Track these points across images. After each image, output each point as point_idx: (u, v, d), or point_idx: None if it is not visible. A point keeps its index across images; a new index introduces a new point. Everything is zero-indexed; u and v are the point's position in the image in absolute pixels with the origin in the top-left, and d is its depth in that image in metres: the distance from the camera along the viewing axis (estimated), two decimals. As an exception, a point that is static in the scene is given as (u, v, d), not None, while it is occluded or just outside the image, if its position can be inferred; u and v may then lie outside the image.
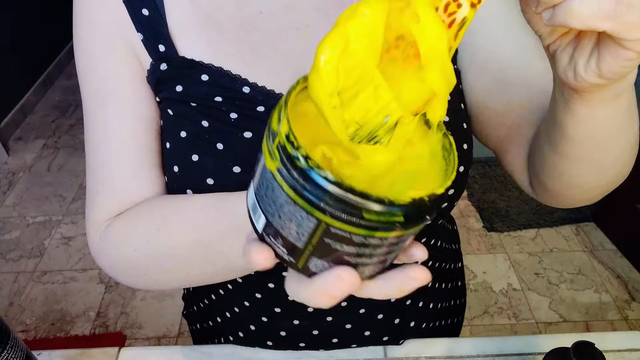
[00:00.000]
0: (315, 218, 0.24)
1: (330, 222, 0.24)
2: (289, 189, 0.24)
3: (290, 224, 0.25)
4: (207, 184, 0.47)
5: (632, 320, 1.64)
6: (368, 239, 0.25)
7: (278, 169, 0.24)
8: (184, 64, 0.48)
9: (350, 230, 0.24)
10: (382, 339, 0.62)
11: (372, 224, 0.24)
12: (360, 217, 0.24)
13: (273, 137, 0.25)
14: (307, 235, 0.25)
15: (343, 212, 0.23)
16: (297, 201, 0.24)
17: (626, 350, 0.61)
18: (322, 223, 0.24)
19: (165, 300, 1.73)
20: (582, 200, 0.48)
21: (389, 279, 0.28)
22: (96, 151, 0.50)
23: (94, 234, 0.51)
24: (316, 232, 0.25)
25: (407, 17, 0.24)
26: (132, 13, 0.47)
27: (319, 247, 0.26)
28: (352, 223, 0.24)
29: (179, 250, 0.44)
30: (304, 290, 0.28)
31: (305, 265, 0.27)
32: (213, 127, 0.47)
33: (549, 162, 0.44)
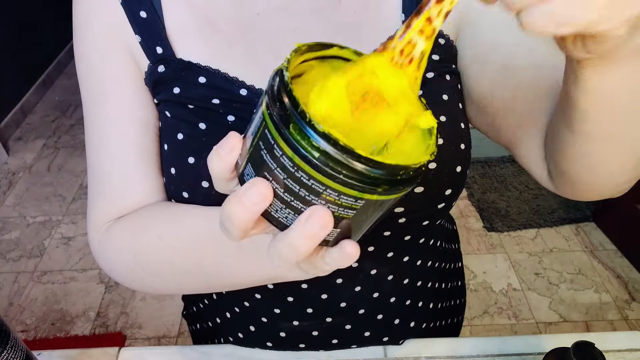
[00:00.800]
0: (262, 117, 0.25)
1: (267, 121, 0.25)
2: (264, 94, 0.26)
3: (251, 125, 0.27)
4: (202, 187, 0.47)
5: (632, 320, 1.64)
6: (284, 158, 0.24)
7: (270, 76, 0.27)
8: (182, 66, 0.48)
9: (274, 135, 0.24)
10: (382, 339, 0.62)
11: (290, 139, 0.24)
12: (286, 125, 0.24)
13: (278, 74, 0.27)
14: (254, 134, 0.26)
15: (277, 114, 0.24)
16: (263, 102, 0.26)
17: (626, 350, 0.61)
18: (264, 122, 0.25)
19: (165, 300, 1.73)
20: (611, 188, 0.43)
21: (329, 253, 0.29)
22: (95, 153, 0.50)
23: (94, 235, 0.51)
24: (258, 132, 0.26)
25: (367, 77, 0.28)
26: (130, 15, 0.47)
27: (256, 152, 0.26)
28: (280, 133, 0.24)
29: (177, 260, 0.44)
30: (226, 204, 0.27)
31: (243, 172, 0.28)
32: (210, 129, 0.47)
33: (569, 145, 0.40)
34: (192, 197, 0.48)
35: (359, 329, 0.60)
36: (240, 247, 0.40)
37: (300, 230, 0.26)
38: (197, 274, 0.45)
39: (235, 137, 0.28)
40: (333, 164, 0.24)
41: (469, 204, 2.07)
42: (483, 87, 0.51)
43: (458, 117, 0.51)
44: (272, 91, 0.25)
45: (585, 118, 0.35)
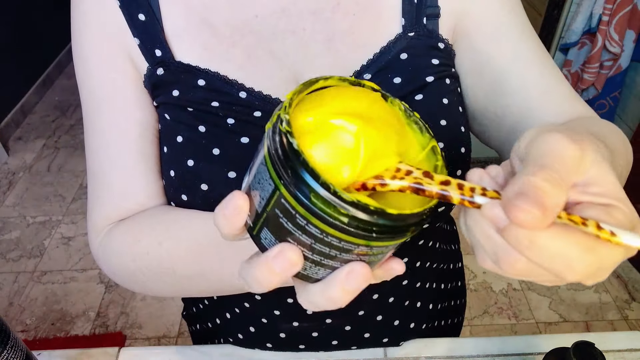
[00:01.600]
0: (274, 183, 0.25)
1: (283, 193, 0.24)
2: (266, 150, 0.25)
3: (258, 187, 0.26)
4: (201, 190, 0.47)
5: (632, 320, 1.64)
6: (310, 227, 0.25)
7: (268, 128, 0.25)
8: (181, 69, 0.48)
9: (296, 208, 0.24)
10: (382, 340, 0.62)
11: (316, 211, 0.24)
12: (307, 197, 0.24)
13: (279, 120, 0.26)
14: (265, 201, 0.26)
15: (293, 186, 0.24)
16: (267, 162, 0.25)
17: (626, 350, 0.61)
18: (277, 191, 0.24)
19: (165, 300, 1.73)
20: None
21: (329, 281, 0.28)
22: (95, 156, 0.50)
23: (95, 238, 0.51)
24: (272, 200, 0.25)
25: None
26: (129, 18, 0.47)
27: (271, 217, 0.26)
28: (299, 201, 0.24)
29: (177, 265, 0.44)
30: (249, 267, 0.27)
31: (259, 235, 0.27)
32: (210, 132, 0.47)
33: None
34: (191, 199, 0.48)
35: (358, 330, 0.60)
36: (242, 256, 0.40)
37: (341, 287, 0.27)
38: (197, 280, 0.45)
39: (239, 198, 0.27)
40: (364, 225, 0.24)
41: (469, 204, 2.07)
42: (478, 99, 0.52)
43: (458, 121, 0.51)
44: (281, 157, 0.24)
45: None
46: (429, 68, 0.49)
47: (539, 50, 0.50)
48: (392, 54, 0.48)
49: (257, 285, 0.27)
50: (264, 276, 0.26)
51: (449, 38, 0.51)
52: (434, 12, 0.49)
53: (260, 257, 0.27)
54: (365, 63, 0.48)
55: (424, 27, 0.49)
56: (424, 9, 0.49)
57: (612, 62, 1.84)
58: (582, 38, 1.85)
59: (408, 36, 0.49)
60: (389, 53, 0.48)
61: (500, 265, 0.24)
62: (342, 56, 0.49)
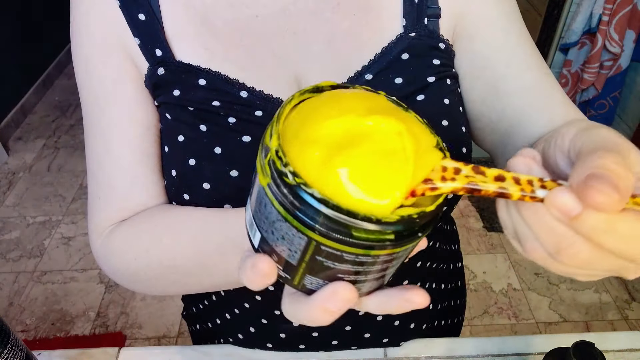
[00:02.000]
0: (306, 236, 0.24)
1: (321, 241, 0.24)
2: (279, 206, 0.24)
3: (283, 241, 0.25)
4: (203, 189, 0.47)
5: (632, 320, 1.64)
6: (360, 257, 0.24)
7: (269, 184, 0.24)
8: (181, 69, 0.48)
9: (341, 248, 0.24)
10: (382, 340, 0.62)
11: (363, 243, 0.23)
12: (349, 235, 0.23)
13: (265, 152, 0.24)
14: (300, 253, 0.25)
15: (332, 231, 0.23)
16: (287, 218, 0.24)
17: (626, 350, 0.61)
18: (313, 241, 0.24)
19: (165, 300, 1.73)
20: None
21: (387, 297, 0.28)
22: (96, 156, 0.50)
23: (95, 239, 0.51)
24: (308, 250, 0.24)
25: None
26: (129, 18, 0.47)
27: (313, 264, 0.25)
28: (342, 241, 0.23)
29: (178, 262, 0.44)
30: (301, 309, 0.28)
31: (301, 282, 0.27)
32: (211, 131, 0.47)
33: None
34: (193, 199, 0.48)
35: (359, 330, 0.60)
36: (239, 244, 0.40)
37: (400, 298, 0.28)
38: (199, 275, 0.45)
39: (265, 262, 0.26)
40: (408, 234, 0.24)
41: (469, 204, 2.07)
42: (474, 102, 0.53)
43: (459, 121, 0.51)
44: (308, 213, 0.23)
45: None
46: (430, 68, 0.49)
47: (535, 55, 0.51)
48: (394, 54, 0.48)
49: (312, 323, 0.28)
50: (321, 316, 0.27)
51: (449, 39, 0.51)
52: (434, 13, 0.50)
53: (314, 301, 0.27)
54: (366, 63, 0.48)
55: (425, 28, 0.49)
56: (425, 9, 0.49)
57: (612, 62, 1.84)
58: (582, 38, 1.85)
59: (409, 36, 0.49)
60: (390, 53, 0.48)
61: (560, 257, 0.24)
62: (342, 56, 0.49)
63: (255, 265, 0.27)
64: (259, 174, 0.25)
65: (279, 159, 0.23)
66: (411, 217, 0.24)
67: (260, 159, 0.25)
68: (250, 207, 0.27)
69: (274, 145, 0.24)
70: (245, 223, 0.28)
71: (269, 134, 0.25)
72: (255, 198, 0.26)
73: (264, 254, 0.27)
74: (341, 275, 0.26)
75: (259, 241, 0.27)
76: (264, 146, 0.25)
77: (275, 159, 0.23)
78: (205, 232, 0.42)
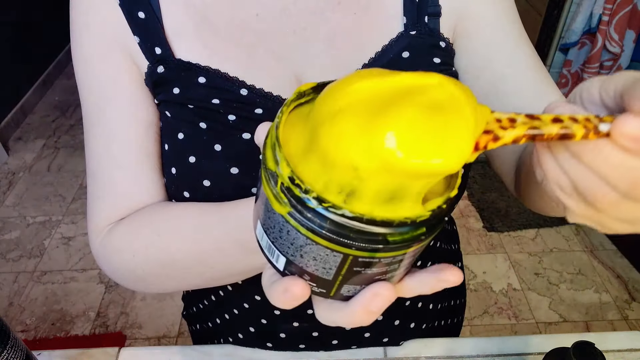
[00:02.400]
0: (341, 253, 0.24)
1: (357, 254, 0.23)
2: (306, 232, 0.23)
3: (316, 262, 0.25)
4: (204, 186, 0.47)
5: (632, 320, 1.64)
6: (396, 257, 0.25)
7: (290, 213, 0.23)
8: (181, 67, 0.48)
9: (378, 256, 0.24)
10: (382, 340, 0.62)
11: (399, 245, 0.24)
12: (386, 242, 0.23)
13: (274, 178, 0.24)
14: (335, 269, 0.25)
15: (368, 243, 0.23)
16: (318, 241, 0.23)
17: (626, 350, 0.61)
18: (350, 256, 0.24)
19: (165, 300, 1.73)
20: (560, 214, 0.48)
21: (420, 281, 0.28)
22: (96, 156, 0.50)
23: (95, 239, 0.51)
24: (345, 265, 0.24)
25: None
26: (128, 16, 0.47)
27: (350, 275, 0.25)
28: (380, 250, 0.23)
29: (176, 256, 0.44)
30: (340, 315, 0.28)
31: (338, 293, 0.27)
32: (211, 129, 0.47)
33: (527, 182, 0.44)
34: (193, 196, 0.48)
35: (358, 329, 0.60)
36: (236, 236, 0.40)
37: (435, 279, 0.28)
38: (198, 270, 0.45)
39: (298, 286, 0.26)
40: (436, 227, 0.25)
41: (469, 204, 2.07)
42: None
43: None
44: (343, 233, 0.23)
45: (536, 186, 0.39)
46: (431, 67, 0.49)
47: (534, 56, 0.52)
48: (394, 52, 0.48)
49: (352, 325, 0.28)
50: (363, 319, 0.27)
51: (449, 37, 0.51)
52: (435, 11, 0.50)
53: (355, 306, 0.27)
54: (366, 62, 0.48)
55: (425, 26, 0.49)
56: (425, 7, 0.49)
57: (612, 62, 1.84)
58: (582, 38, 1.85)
59: (410, 35, 0.49)
60: (390, 52, 0.48)
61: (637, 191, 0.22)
62: (343, 55, 0.49)
63: (288, 290, 0.26)
64: (272, 202, 0.24)
65: (297, 187, 0.23)
66: (441, 207, 0.24)
67: (270, 186, 0.24)
68: (265, 233, 0.26)
69: (286, 172, 0.23)
70: (260, 245, 0.28)
71: (272, 158, 0.24)
72: (271, 224, 0.25)
73: (294, 277, 0.27)
74: (378, 277, 0.26)
75: (285, 264, 0.26)
76: (270, 172, 0.24)
77: (292, 187, 0.23)
78: (203, 227, 0.42)
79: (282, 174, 0.23)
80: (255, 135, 0.30)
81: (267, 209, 0.25)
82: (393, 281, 0.27)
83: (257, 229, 0.27)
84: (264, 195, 0.25)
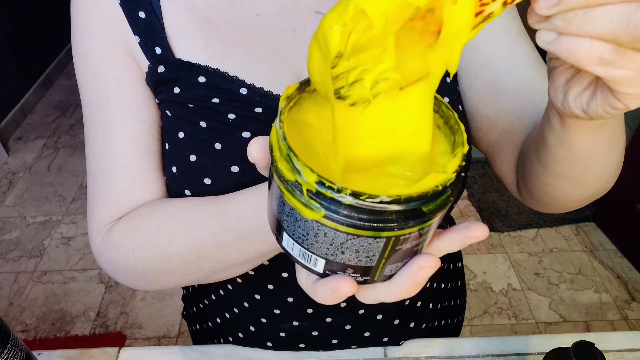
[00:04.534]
0: (384, 237, 0.24)
1: (399, 233, 0.24)
2: (347, 228, 0.24)
3: (358, 253, 0.25)
4: (204, 184, 0.47)
5: (632, 320, 1.64)
6: (432, 224, 0.26)
7: (326, 216, 0.24)
8: (181, 66, 0.48)
9: (417, 228, 0.25)
10: (382, 339, 0.62)
11: (434, 213, 0.25)
12: (422, 214, 0.24)
13: (297, 188, 0.24)
14: (378, 254, 0.26)
15: (408, 220, 0.24)
16: (360, 234, 0.24)
17: (626, 350, 0.61)
18: (392, 238, 0.25)
19: (165, 300, 1.73)
20: (562, 209, 0.49)
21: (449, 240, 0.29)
22: (97, 155, 0.50)
23: (95, 237, 0.51)
24: (387, 248, 0.25)
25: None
26: (129, 16, 0.47)
27: (391, 255, 0.26)
28: (419, 222, 0.24)
29: (175, 250, 0.44)
30: (386, 292, 0.28)
31: (381, 275, 0.28)
32: (211, 127, 0.47)
33: (534, 171, 0.44)
34: (194, 195, 0.48)
35: (359, 329, 0.60)
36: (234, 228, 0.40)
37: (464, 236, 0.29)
38: (197, 263, 0.45)
39: (346, 284, 0.27)
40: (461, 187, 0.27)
41: (469, 204, 2.07)
42: (471, 100, 0.53)
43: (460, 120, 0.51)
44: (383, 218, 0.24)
45: (553, 159, 0.39)
46: None
47: (533, 53, 0.52)
48: None
49: (396, 299, 0.28)
50: (410, 292, 0.28)
51: None
52: None
53: (401, 283, 0.28)
54: None
55: None
56: None
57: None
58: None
59: None
60: None
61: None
62: None
63: (337, 290, 0.27)
64: (302, 211, 0.24)
65: (328, 189, 0.23)
66: (461, 166, 0.25)
67: (295, 196, 0.24)
68: (296, 242, 0.27)
69: (312, 178, 0.23)
70: (292, 255, 0.28)
71: (291, 170, 0.24)
72: (304, 233, 0.26)
73: (338, 275, 0.27)
74: (415, 248, 0.27)
75: (324, 266, 0.27)
76: (290, 183, 0.24)
77: (323, 191, 0.23)
78: (201, 220, 0.43)
79: (308, 181, 0.24)
80: (248, 153, 0.30)
81: (296, 219, 0.25)
82: (424, 246, 0.28)
83: (284, 242, 0.28)
84: (289, 207, 0.25)
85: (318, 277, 0.28)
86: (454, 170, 0.25)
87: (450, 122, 0.29)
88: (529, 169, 0.45)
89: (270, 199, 0.28)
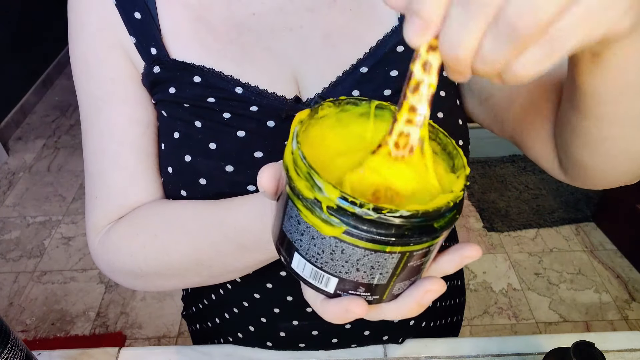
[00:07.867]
0: (399, 253, 0.25)
1: (413, 249, 0.25)
2: (366, 243, 0.25)
3: (372, 270, 0.26)
4: (200, 184, 0.47)
5: (632, 320, 1.64)
6: (439, 241, 0.27)
7: (346, 232, 0.24)
8: (176, 66, 0.48)
9: (429, 244, 0.26)
10: (382, 338, 0.62)
11: (442, 228, 0.25)
12: (434, 230, 0.25)
13: (317, 205, 0.25)
14: (391, 270, 0.26)
15: (422, 235, 0.25)
16: (379, 249, 0.25)
17: (626, 350, 0.61)
18: (406, 253, 0.25)
19: (165, 300, 1.73)
20: (628, 174, 0.42)
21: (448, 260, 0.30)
22: (94, 156, 0.50)
23: (93, 238, 0.51)
24: (400, 263, 0.26)
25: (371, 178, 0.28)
26: (125, 17, 0.47)
27: (402, 273, 0.27)
28: (431, 238, 0.25)
29: (174, 257, 0.44)
30: (392, 312, 0.29)
31: (390, 294, 0.29)
32: (206, 127, 0.47)
33: (584, 133, 0.39)
34: (190, 195, 0.48)
35: (358, 328, 0.60)
36: (231, 235, 0.40)
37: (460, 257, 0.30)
38: (196, 270, 0.45)
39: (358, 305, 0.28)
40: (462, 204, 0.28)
41: (469, 204, 2.07)
42: (482, 78, 0.50)
43: (456, 113, 0.51)
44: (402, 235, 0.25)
45: (601, 101, 0.34)
46: None
47: None
48: (389, 46, 0.48)
49: (401, 318, 0.29)
50: (415, 311, 0.29)
51: None
52: None
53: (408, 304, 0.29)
54: (361, 57, 0.48)
55: None
56: None
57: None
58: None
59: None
60: (385, 46, 0.48)
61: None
62: (339, 51, 0.49)
63: (349, 311, 0.27)
64: (321, 228, 0.25)
65: (351, 204, 0.24)
66: (466, 185, 0.27)
67: (315, 214, 0.25)
68: (309, 262, 0.27)
69: (335, 194, 0.24)
70: (303, 277, 0.29)
71: (310, 187, 0.25)
72: (320, 251, 0.26)
73: (349, 295, 0.28)
74: (422, 267, 0.28)
75: (336, 285, 0.28)
76: (309, 201, 0.25)
77: (346, 207, 0.24)
78: (200, 230, 0.43)
79: (330, 197, 0.24)
80: (258, 182, 0.30)
81: (312, 237, 0.26)
82: (428, 265, 0.29)
83: (295, 262, 0.28)
84: (305, 225, 0.26)
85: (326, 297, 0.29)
86: (460, 189, 0.26)
87: (448, 149, 0.30)
88: (576, 133, 0.40)
89: (278, 221, 0.29)
